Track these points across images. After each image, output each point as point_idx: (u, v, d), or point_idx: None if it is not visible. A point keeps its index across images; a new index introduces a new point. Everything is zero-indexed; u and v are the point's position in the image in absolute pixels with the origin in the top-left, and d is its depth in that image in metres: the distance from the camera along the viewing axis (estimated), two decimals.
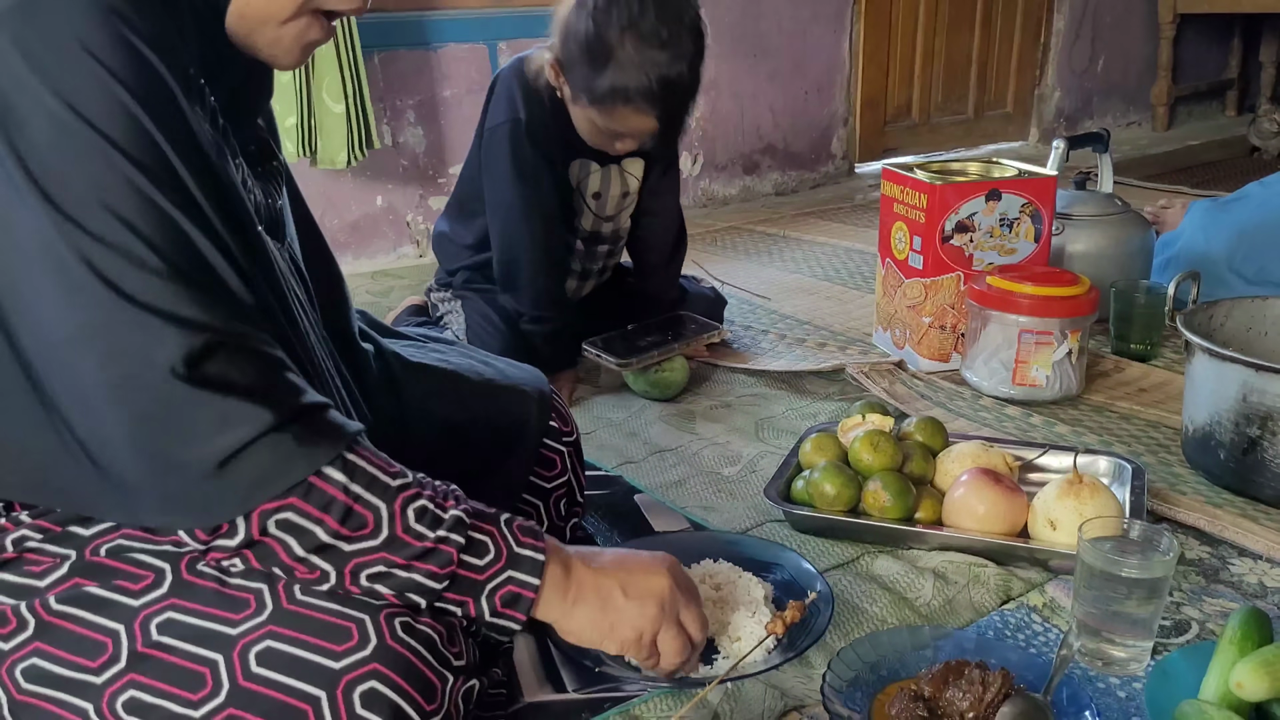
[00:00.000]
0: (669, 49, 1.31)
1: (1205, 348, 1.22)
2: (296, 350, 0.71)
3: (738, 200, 2.89)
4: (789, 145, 2.97)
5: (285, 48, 0.70)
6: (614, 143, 1.43)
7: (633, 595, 0.76)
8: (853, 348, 1.70)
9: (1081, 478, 1.06)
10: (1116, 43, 3.73)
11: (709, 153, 2.81)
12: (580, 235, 1.56)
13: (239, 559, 0.65)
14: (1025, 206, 1.58)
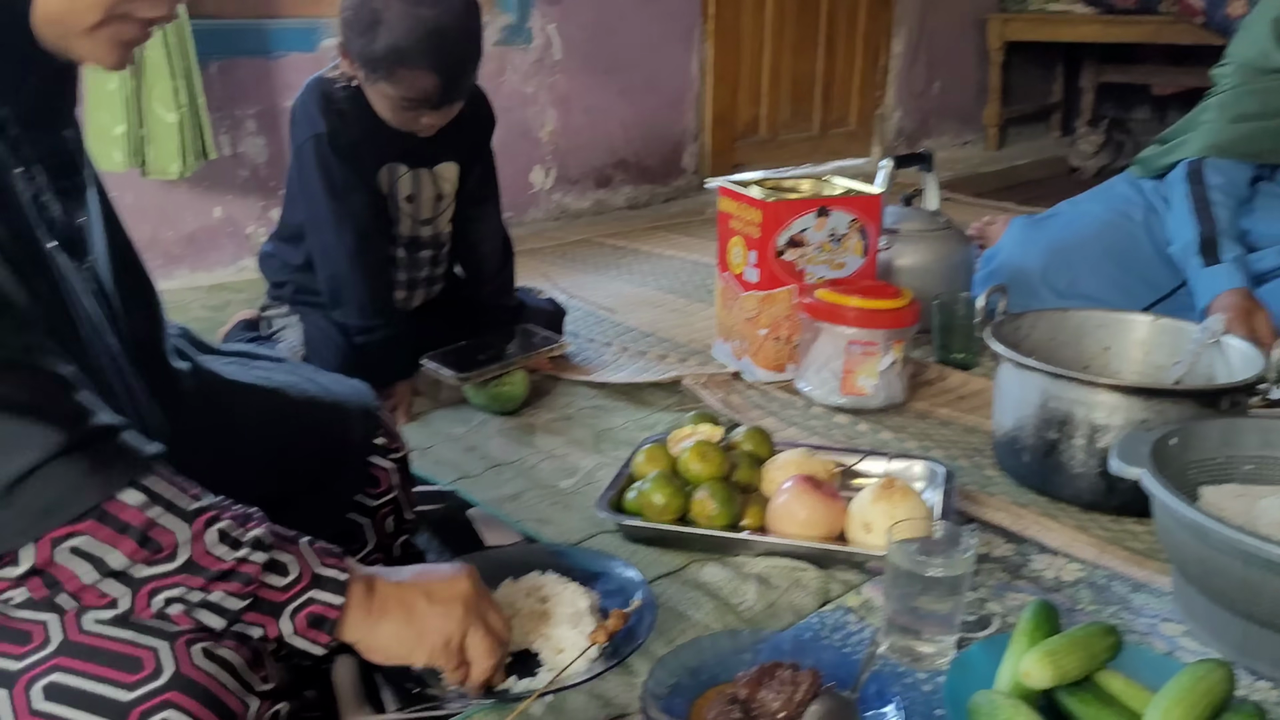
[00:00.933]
0: (433, 4, 1.33)
1: (1009, 357, 1.30)
2: (91, 371, 0.69)
3: (591, 213, 2.92)
4: (641, 159, 3.02)
5: (103, 50, 0.68)
6: (417, 118, 1.43)
7: (437, 601, 0.77)
8: (693, 359, 1.75)
9: (894, 482, 1.12)
10: (951, 67, 3.92)
11: (562, 166, 2.83)
12: (400, 242, 1.56)
13: (23, 589, 0.63)
14: (853, 223, 1.65)
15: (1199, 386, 1.22)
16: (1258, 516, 1.08)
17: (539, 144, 2.76)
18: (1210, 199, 1.72)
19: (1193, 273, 1.68)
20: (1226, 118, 1.78)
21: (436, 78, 1.37)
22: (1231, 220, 1.70)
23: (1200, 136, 1.81)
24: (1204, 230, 1.68)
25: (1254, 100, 1.76)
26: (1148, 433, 1.13)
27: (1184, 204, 1.74)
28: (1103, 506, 1.25)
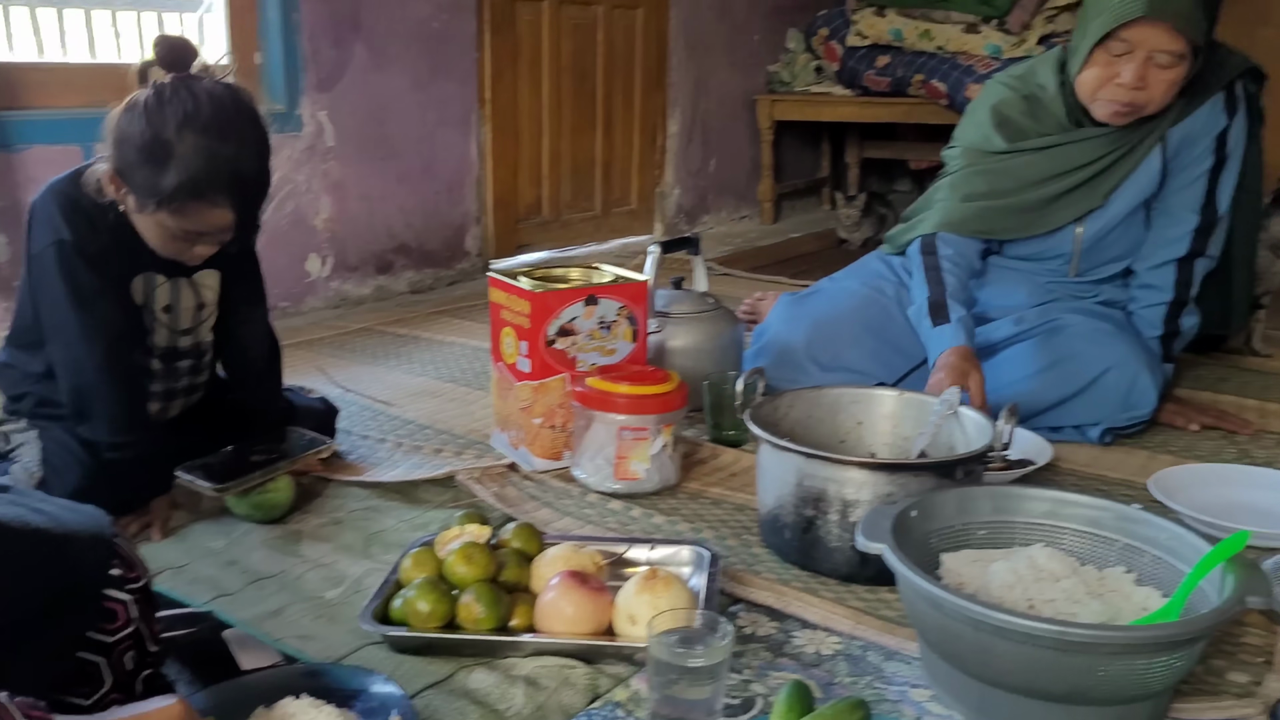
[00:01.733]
0: (230, 139, 1.30)
1: (765, 438, 1.35)
2: None
3: (373, 299, 2.88)
4: (423, 244, 3.00)
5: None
6: (191, 248, 1.38)
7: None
8: (471, 451, 1.73)
9: (657, 572, 1.14)
10: (725, 146, 4.10)
11: (340, 253, 2.79)
12: (156, 353, 1.49)
13: None
14: (621, 310, 1.69)
15: (935, 460, 1.31)
16: (989, 580, 1.16)
17: (314, 232, 2.71)
18: (941, 267, 1.85)
19: (924, 333, 1.80)
20: (957, 197, 1.93)
21: (232, 214, 1.33)
22: (959, 285, 1.84)
23: (935, 215, 1.95)
24: (934, 294, 1.81)
25: (981, 181, 1.92)
26: (890, 506, 1.20)
27: (919, 273, 1.87)
28: (859, 578, 1.32)
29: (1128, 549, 1.21)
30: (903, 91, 3.92)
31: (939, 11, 3.79)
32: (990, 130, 1.91)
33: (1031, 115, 1.89)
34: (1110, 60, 1.73)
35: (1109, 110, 1.77)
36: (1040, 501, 1.26)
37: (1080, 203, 1.87)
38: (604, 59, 3.51)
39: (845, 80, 4.11)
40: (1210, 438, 1.88)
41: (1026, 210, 1.89)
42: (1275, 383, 2.20)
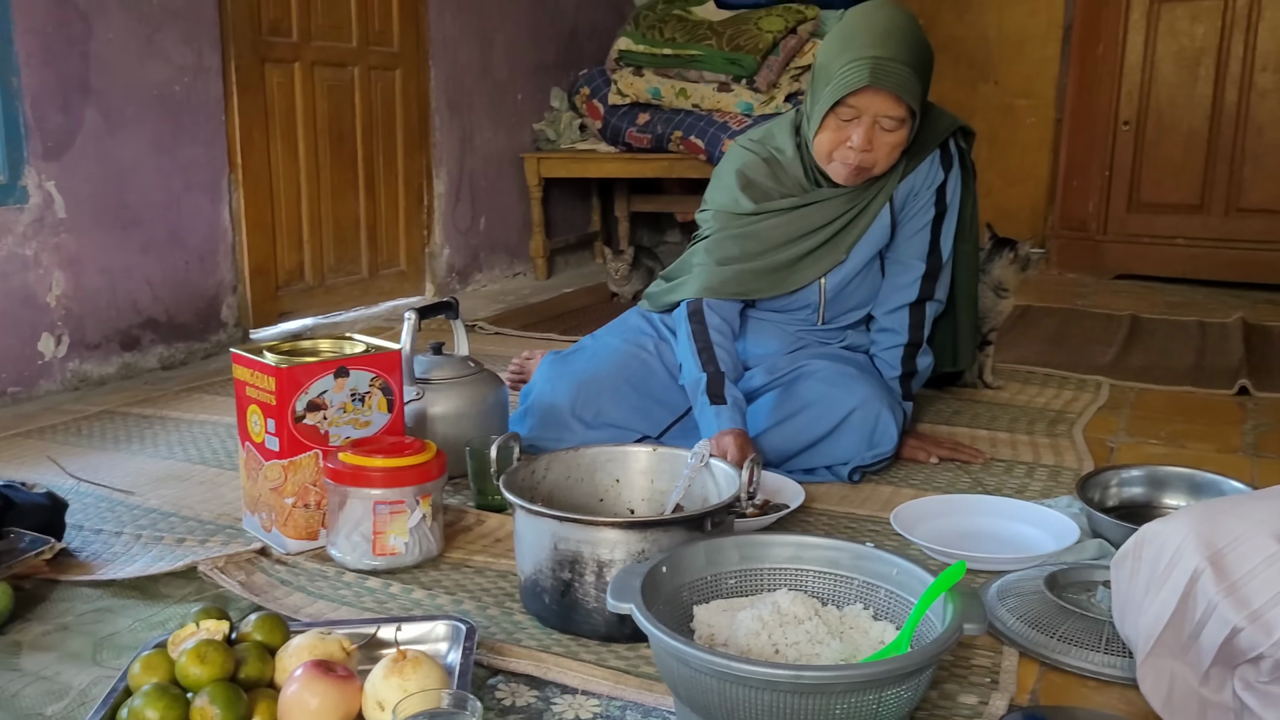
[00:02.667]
0: None
1: (519, 504, 1.35)
2: None
3: (117, 379, 2.70)
4: (173, 317, 2.85)
5: None
6: None
7: None
8: (217, 538, 1.64)
9: (406, 654, 1.11)
10: (494, 204, 4.11)
11: (77, 331, 2.60)
12: None
13: None
14: (374, 380, 1.66)
15: (684, 514, 1.34)
16: (735, 629, 1.20)
17: (46, 310, 2.52)
18: (712, 340, 1.92)
19: (699, 409, 1.86)
20: (713, 261, 2.00)
21: None
22: (731, 360, 1.91)
23: (695, 279, 2.01)
24: (710, 372, 1.88)
25: (733, 245, 2.00)
26: (642, 564, 1.22)
27: (689, 342, 1.93)
28: (619, 637, 1.32)
29: (864, 586, 1.27)
30: (663, 147, 4.05)
31: (693, 71, 3.95)
32: (738, 193, 2.00)
33: (774, 177, 1.99)
34: (840, 125, 1.85)
35: (843, 173, 1.89)
36: (783, 547, 1.31)
37: (824, 260, 1.98)
38: (363, 120, 3.46)
39: (609, 137, 4.21)
40: (948, 469, 2.01)
41: (776, 270, 1.99)
42: (1004, 413, 2.38)
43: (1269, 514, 1.13)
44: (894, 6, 1.88)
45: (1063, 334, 3.23)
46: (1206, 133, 4.01)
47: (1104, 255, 4.23)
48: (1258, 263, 3.97)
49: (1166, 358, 2.93)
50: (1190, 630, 1.12)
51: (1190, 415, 2.39)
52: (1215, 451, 2.14)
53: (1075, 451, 2.12)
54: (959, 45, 4.84)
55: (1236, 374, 2.66)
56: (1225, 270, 4.02)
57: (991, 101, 4.88)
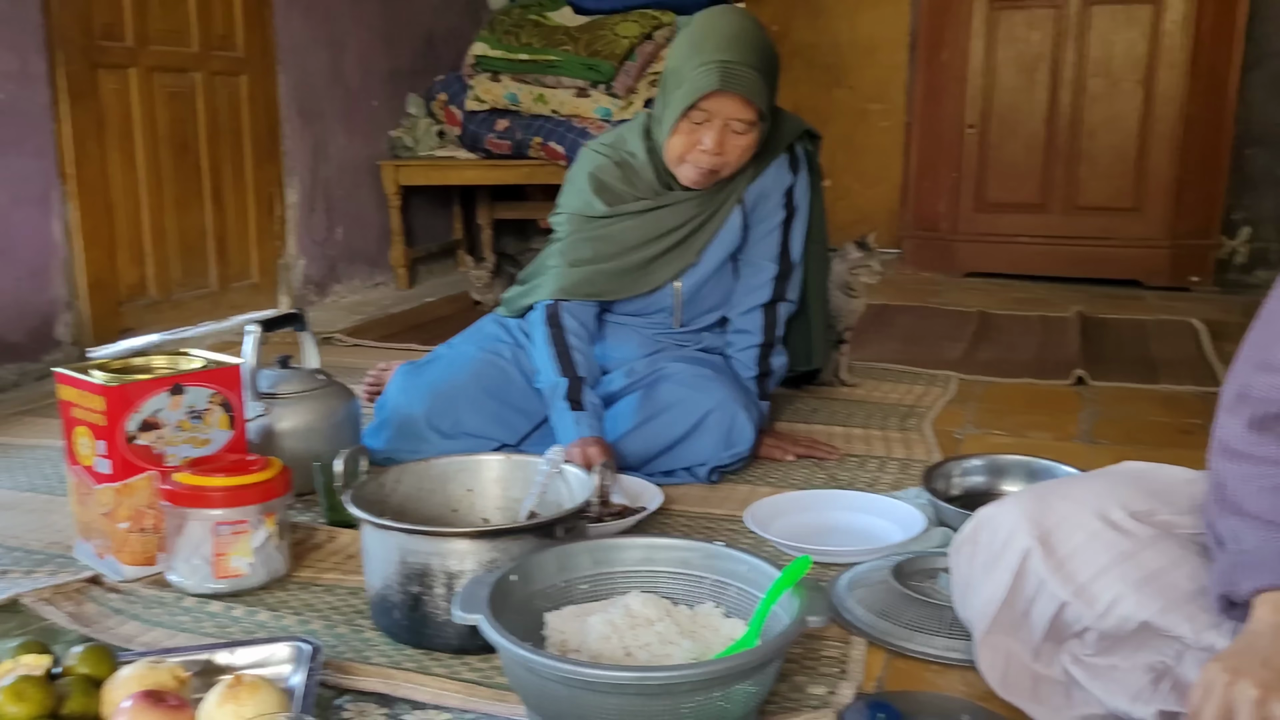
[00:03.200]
0: None
1: (364, 518, 1.31)
2: None
3: None
4: (4, 336, 2.69)
5: None
6: None
7: None
8: (46, 568, 1.56)
9: (242, 679, 1.07)
10: (351, 213, 4.02)
11: None
12: None
13: None
14: (214, 396, 1.59)
15: (534, 522, 1.33)
16: (587, 634, 1.19)
17: None
18: (569, 344, 1.92)
19: (557, 414, 1.86)
20: (567, 263, 2.00)
21: None
22: (588, 364, 1.92)
23: (550, 282, 2.01)
24: (568, 377, 1.88)
25: (587, 247, 2.00)
26: (490, 574, 1.20)
27: (546, 347, 1.93)
28: (472, 649, 1.30)
29: (716, 584, 1.28)
30: (523, 154, 4.03)
31: (550, 77, 3.94)
32: (591, 196, 2.00)
33: (626, 180, 2.00)
34: (693, 128, 1.87)
35: (694, 175, 1.91)
36: (635, 550, 1.31)
37: (677, 261, 2.00)
38: (207, 128, 3.34)
39: (468, 144, 4.17)
40: (804, 466, 2.05)
41: (630, 272, 2.00)
42: (859, 409, 2.44)
43: (1092, 494, 1.19)
44: (740, 12, 1.91)
45: (916, 331, 3.34)
46: (1045, 135, 4.20)
47: (955, 254, 4.39)
48: (1094, 259, 4.17)
49: (1011, 352, 3.06)
50: (1023, 608, 1.16)
51: (1032, 406, 2.50)
52: (1054, 439, 2.24)
53: (925, 444, 2.18)
54: (813, 51, 4.96)
55: (1074, 365, 2.79)
56: (1065, 266, 4.21)
57: (846, 106, 5.01)
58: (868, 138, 4.99)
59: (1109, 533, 1.14)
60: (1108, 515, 1.15)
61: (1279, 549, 0.99)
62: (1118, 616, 1.10)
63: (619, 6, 4.05)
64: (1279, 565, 0.98)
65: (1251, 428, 1.05)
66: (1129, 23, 4.02)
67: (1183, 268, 4.08)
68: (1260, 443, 1.04)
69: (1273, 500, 1.01)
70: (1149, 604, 1.09)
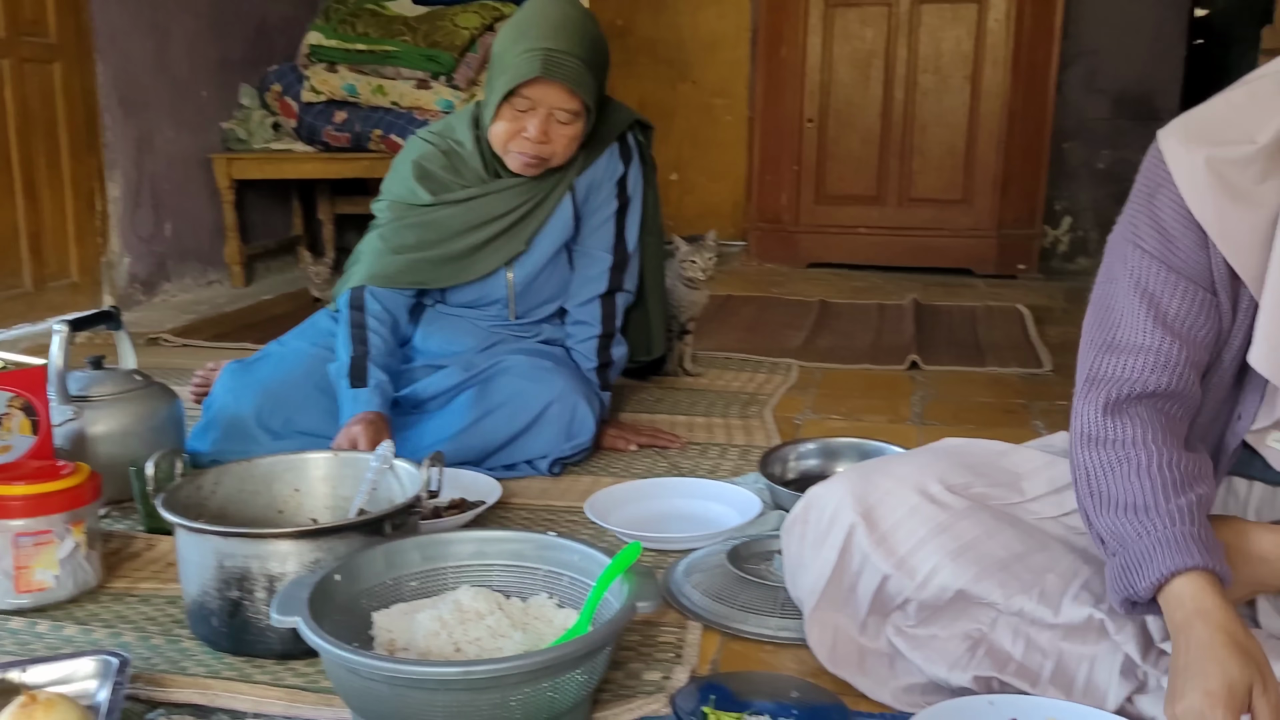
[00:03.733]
0: None
1: (178, 523, 1.25)
2: None
3: None
4: None
5: None
6: None
7: None
8: None
9: (36, 697, 1.00)
10: (181, 209, 3.84)
11: None
12: None
13: None
14: (14, 400, 1.49)
15: (358, 519, 1.29)
16: (415, 632, 1.16)
17: None
18: (367, 325, 1.88)
19: (341, 392, 1.81)
20: (388, 249, 1.95)
21: None
22: (384, 347, 1.87)
23: (364, 266, 1.96)
24: (356, 354, 1.83)
25: (409, 234, 1.96)
26: (311, 575, 1.15)
27: (345, 329, 1.87)
28: (296, 654, 1.25)
29: (549, 575, 1.27)
30: (363, 146, 3.93)
31: (389, 68, 3.85)
32: (414, 184, 1.96)
33: (452, 169, 1.97)
34: (516, 115, 1.85)
35: (520, 162, 1.89)
36: (467, 544, 1.28)
37: (504, 249, 1.97)
38: (17, 118, 3.13)
39: (305, 136, 4.04)
40: (647, 455, 2.05)
41: (454, 259, 1.96)
42: (702, 398, 2.46)
43: (913, 470, 1.22)
44: (569, 1, 1.90)
45: (759, 321, 3.40)
46: (880, 130, 4.34)
47: (797, 245, 4.49)
48: (928, 249, 4.33)
49: (850, 339, 3.14)
50: (849, 583, 1.19)
51: (868, 390, 2.57)
52: (888, 422, 2.31)
53: (765, 430, 2.22)
54: (657, 46, 4.99)
55: (908, 351, 2.89)
56: (901, 256, 4.36)
57: (691, 100, 5.06)
58: (713, 132, 5.05)
59: (927, 506, 1.17)
60: (926, 489, 1.19)
61: (1159, 535, 0.98)
62: (935, 586, 1.14)
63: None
64: (1165, 553, 0.97)
65: (1106, 412, 1.06)
66: (955, 20, 4.18)
67: (1010, 256, 4.27)
68: (1116, 426, 1.05)
69: (1139, 483, 1.02)
70: (963, 573, 1.13)
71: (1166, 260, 1.05)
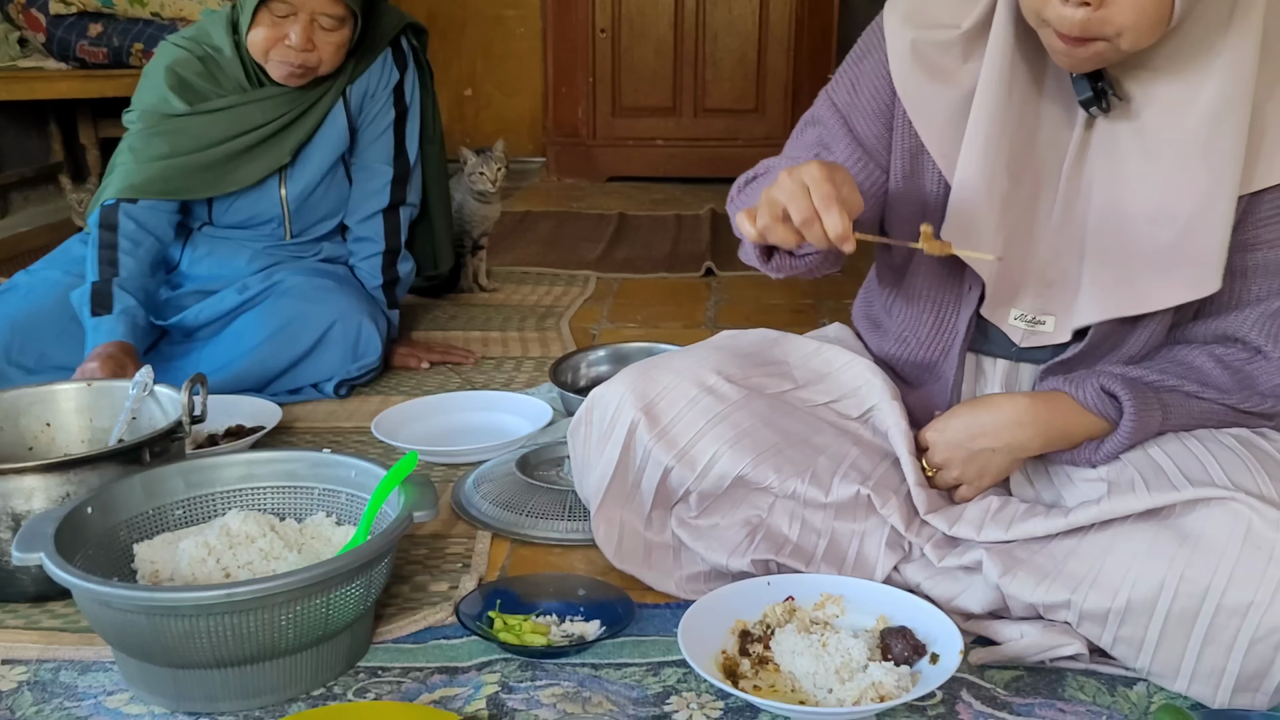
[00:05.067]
0: None
1: None
2: None
3: None
4: None
5: None
6: None
7: None
8: None
9: None
10: None
11: None
12: None
13: None
14: None
15: (111, 448, 1.20)
16: (179, 560, 1.10)
17: None
18: (119, 246, 1.75)
19: (84, 321, 1.69)
20: (140, 160, 1.81)
21: None
22: (137, 268, 1.75)
23: (116, 179, 1.82)
24: (102, 278, 1.71)
25: (161, 142, 1.82)
26: (59, 509, 1.07)
27: (94, 251, 1.75)
28: (52, 594, 1.17)
29: (325, 493, 1.23)
30: (124, 62, 3.62)
31: None
32: (168, 93, 1.82)
33: (209, 77, 1.84)
34: (276, 21, 1.73)
35: (283, 72, 1.78)
36: (235, 467, 1.22)
37: (266, 159, 1.86)
38: None
39: (57, 53, 3.68)
40: (439, 372, 2.01)
41: (210, 168, 1.83)
42: (498, 313, 2.42)
43: (691, 363, 1.23)
44: None
45: (557, 235, 3.36)
46: (673, 40, 4.32)
47: (596, 159, 4.45)
48: (724, 158, 4.36)
49: (648, 250, 3.15)
50: (633, 479, 1.19)
51: (664, 299, 2.59)
52: (683, 328, 2.34)
53: (561, 342, 2.21)
54: None
55: (704, 258, 2.92)
56: (698, 167, 4.39)
57: (482, 12, 4.89)
58: (506, 45, 4.91)
59: (706, 398, 1.19)
60: (704, 381, 1.20)
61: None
62: (715, 475, 1.16)
63: None
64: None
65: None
66: None
67: None
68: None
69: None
70: (740, 459, 1.15)
71: (847, 117, 1.18)
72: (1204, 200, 1.00)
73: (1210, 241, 1.00)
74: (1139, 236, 1.03)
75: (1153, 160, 1.02)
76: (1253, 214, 1.03)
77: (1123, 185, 1.04)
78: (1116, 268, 1.04)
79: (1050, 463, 1.16)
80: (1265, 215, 1.03)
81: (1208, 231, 1.00)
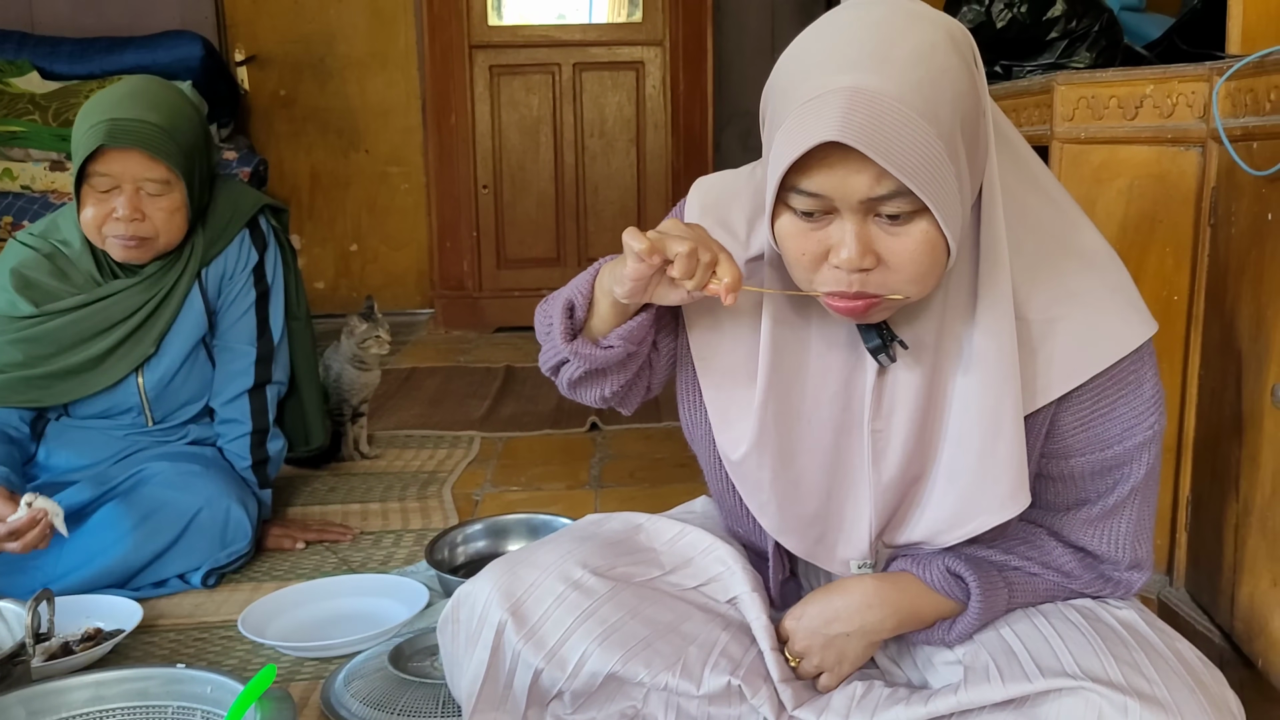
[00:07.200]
0: None
1: None
2: None
3: None
4: None
5: None
6: None
7: None
8: None
9: None
10: None
11: None
12: None
13: None
14: None
15: None
16: None
17: None
18: None
19: None
20: None
21: None
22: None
23: None
24: None
25: (15, 351, 1.78)
26: None
27: None
28: None
29: (180, 712, 1.17)
30: None
31: (17, 149, 3.53)
32: (14, 295, 1.79)
33: (59, 274, 1.81)
34: (101, 197, 1.73)
35: (119, 248, 1.76)
36: (81, 689, 1.16)
37: (131, 354, 1.83)
38: None
39: None
40: (315, 552, 1.96)
41: (73, 373, 1.81)
42: (379, 482, 2.38)
43: (557, 558, 1.22)
44: (148, 79, 1.85)
45: (443, 392, 3.35)
46: (554, 193, 4.43)
47: (482, 311, 4.48)
48: None
49: (533, 405, 3.16)
50: (505, 681, 1.17)
51: (549, 457, 2.59)
52: (567, 489, 2.33)
53: (443, 511, 2.18)
54: (325, 115, 4.86)
55: (588, 413, 2.93)
56: None
57: (366, 169, 4.96)
58: (391, 200, 4.97)
59: (573, 594, 1.18)
60: (571, 576, 1.19)
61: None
62: (586, 674, 1.14)
63: (95, 72, 3.72)
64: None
65: None
66: (616, 87, 4.36)
67: None
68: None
69: None
70: (610, 656, 1.14)
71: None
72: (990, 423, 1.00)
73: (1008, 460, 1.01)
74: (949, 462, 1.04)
75: (944, 393, 1.03)
76: (1059, 425, 1.05)
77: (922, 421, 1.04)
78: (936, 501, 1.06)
79: (910, 644, 1.18)
80: (1070, 425, 1.05)
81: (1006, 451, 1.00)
